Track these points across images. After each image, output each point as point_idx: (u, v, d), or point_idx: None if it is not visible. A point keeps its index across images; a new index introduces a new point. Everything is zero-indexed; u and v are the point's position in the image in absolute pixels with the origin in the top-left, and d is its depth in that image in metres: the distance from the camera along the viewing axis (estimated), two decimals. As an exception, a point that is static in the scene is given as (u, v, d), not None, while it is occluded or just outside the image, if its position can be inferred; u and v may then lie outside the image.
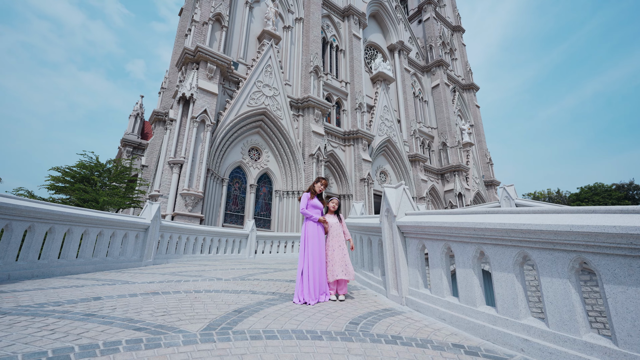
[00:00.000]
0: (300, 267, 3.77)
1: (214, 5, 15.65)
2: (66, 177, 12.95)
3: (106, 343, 2.02)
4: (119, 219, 6.39)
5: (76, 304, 2.98)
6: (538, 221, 2.44)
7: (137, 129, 24.03)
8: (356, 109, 22.09)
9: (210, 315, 2.82)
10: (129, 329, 2.32)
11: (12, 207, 4.21)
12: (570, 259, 2.28)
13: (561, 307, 2.28)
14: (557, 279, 2.32)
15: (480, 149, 33.57)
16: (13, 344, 1.92)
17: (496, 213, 2.88)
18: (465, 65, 37.09)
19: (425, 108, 31.18)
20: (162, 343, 2.07)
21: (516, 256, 2.62)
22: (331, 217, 4.23)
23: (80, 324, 2.38)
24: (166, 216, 12.17)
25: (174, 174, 12.80)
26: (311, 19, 20.70)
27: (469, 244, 3.03)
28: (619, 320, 1.95)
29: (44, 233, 4.85)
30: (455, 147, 28.65)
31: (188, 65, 14.79)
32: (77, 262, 5.41)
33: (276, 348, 2.12)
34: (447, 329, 2.86)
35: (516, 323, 2.52)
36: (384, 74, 25.07)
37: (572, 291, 2.25)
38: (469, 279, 2.98)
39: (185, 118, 13.69)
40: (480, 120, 35.05)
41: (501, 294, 2.68)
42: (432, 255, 3.46)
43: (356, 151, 21.17)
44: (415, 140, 26.22)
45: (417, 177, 24.73)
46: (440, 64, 31.71)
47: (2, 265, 4.19)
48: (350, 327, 2.71)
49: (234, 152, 15.79)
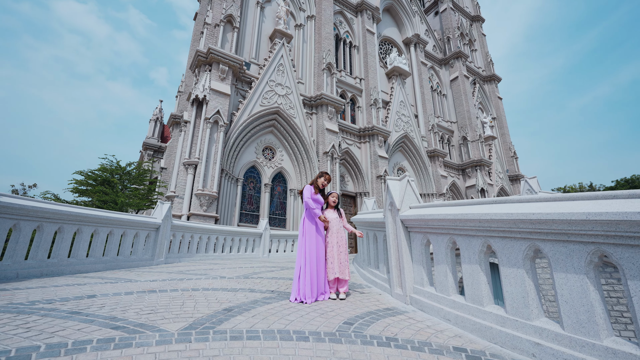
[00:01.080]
0: (298, 265, 3.61)
1: (225, 7, 15.77)
2: (89, 180, 13.44)
3: (76, 342, 1.93)
4: (129, 218, 6.47)
5: (67, 302, 2.96)
6: (549, 209, 2.15)
7: (157, 132, 24.72)
8: (371, 105, 21.69)
9: (197, 314, 2.71)
10: (107, 327, 2.24)
11: (18, 207, 4.31)
12: (588, 252, 1.99)
13: (578, 307, 2.00)
14: (572, 274, 2.04)
15: (503, 143, 32.19)
16: (-17, 342, 1.87)
17: (503, 202, 2.60)
18: (486, 56, 35.67)
19: (444, 102, 30.23)
20: (134, 343, 1.96)
21: (526, 250, 2.34)
22: (331, 213, 4.04)
23: (61, 322, 2.33)
24: (182, 216, 12.36)
25: (189, 175, 12.98)
26: (323, 15, 20.50)
27: (474, 237, 2.76)
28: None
29: (52, 233, 4.95)
30: (476, 141, 27.58)
31: (201, 67, 14.98)
32: (87, 261, 5.51)
33: (253, 350, 1.97)
34: (450, 331, 2.61)
35: (527, 325, 2.25)
36: (400, 68, 24.49)
37: (591, 289, 1.96)
38: (475, 276, 2.71)
39: (198, 119, 13.87)
40: (502, 113, 33.61)
41: (510, 292, 2.41)
42: (437, 250, 3.20)
43: (372, 148, 20.78)
44: (433, 135, 25.46)
45: (436, 173, 24.00)
46: (459, 55, 30.65)
47: (10, 264, 4.29)
48: (343, 328, 2.52)
49: (248, 152, 15.86)
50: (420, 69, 27.55)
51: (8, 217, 4.27)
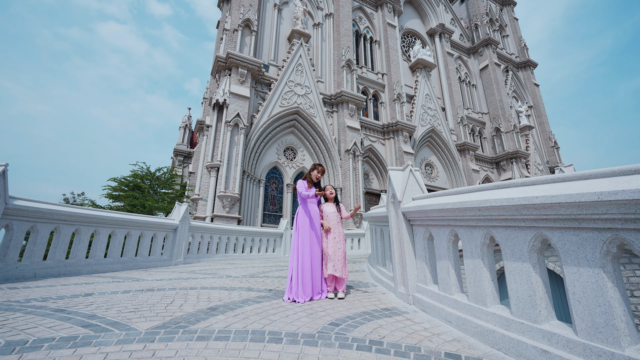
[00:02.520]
0: (291, 263, 3.43)
1: (242, 12, 16.03)
2: (121, 186, 14.20)
3: (37, 340, 1.90)
4: (146, 220, 6.66)
5: (60, 300, 3.00)
6: (555, 191, 1.81)
7: (186, 139, 25.73)
8: (394, 100, 21.07)
9: (179, 312, 2.62)
10: (79, 325, 2.20)
11: (34, 210, 4.53)
12: (603, 240, 1.63)
13: (593, 307, 1.64)
14: (586, 268, 1.69)
15: (542, 132, 30.01)
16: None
17: (506, 187, 2.26)
18: (519, 41, 33.49)
19: (474, 92, 28.74)
20: (94, 342, 1.89)
21: (532, 240, 2.00)
22: (329, 206, 3.83)
23: (39, 319, 2.33)
24: (206, 218, 12.67)
25: (212, 178, 13.28)
26: (341, 12, 20.24)
27: (475, 228, 2.43)
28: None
29: (69, 234, 5.17)
30: (510, 132, 25.91)
31: (221, 72, 15.32)
32: (104, 261, 5.71)
33: (214, 351, 1.82)
34: (449, 334, 2.31)
35: (534, 328, 1.91)
36: (424, 60, 23.62)
37: (608, 285, 1.60)
38: (477, 272, 2.39)
39: (220, 123, 14.17)
40: (540, 100, 31.36)
41: (515, 290, 2.07)
42: (438, 244, 2.88)
43: (396, 144, 20.17)
44: (463, 128, 24.26)
45: (467, 167, 22.83)
46: (488, 42, 29.00)
47: (28, 264, 4.52)
48: (327, 329, 2.30)
49: (270, 153, 15.97)
50: (447, 60, 26.39)
51: (25, 219, 4.51)
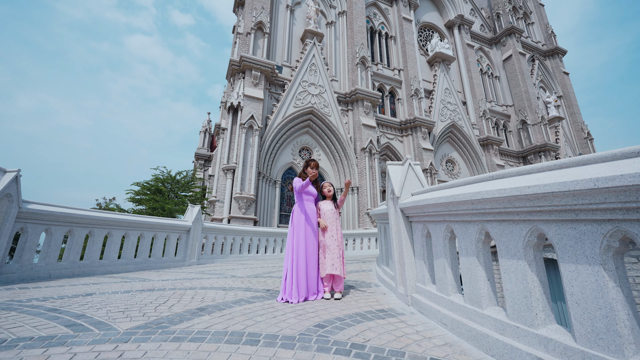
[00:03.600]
0: (285, 262, 3.34)
1: (255, 15, 16.20)
2: (144, 190, 14.72)
3: (16, 339, 1.92)
4: (158, 222, 6.81)
5: (58, 300, 3.08)
6: (548, 180, 1.61)
7: (206, 143, 26.39)
8: (412, 96, 20.58)
9: (165, 312, 2.60)
10: (63, 325, 2.22)
11: (47, 213, 4.73)
12: (603, 234, 1.43)
13: (593, 310, 1.44)
14: (584, 266, 1.49)
15: (573, 123, 28.30)
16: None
17: (500, 177, 2.06)
18: (546, 28, 31.80)
19: (497, 84, 27.56)
20: (68, 342, 1.89)
21: (527, 235, 1.80)
22: (326, 204, 3.71)
23: (29, 318, 2.38)
24: (223, 219, 12.87)
25: (228, 180, 13.48)
26: (354, 9, 20.01)
27: (470, 223, 2.25)
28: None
29: (83, 236, 5.36)
30: (538, 124, 24.62)
31: (235, 75, 15.54)
32: (118, 262, 5.88)
33: (183, 352, 1.76)
34: (442, 338, 2.14)
35: (529, 333, 1.71)
36: (442, 53, 22.91)
37: (610, 285, 1.40)
38: (472, 271, 2.20)
39: (235, 126, 14.37)
40: (571, 90, 29.59)
41: (510, 290, 1.88)
42: (435, 241, 2.70)
43: (415, 141, 19.68)
44: (486, 122, 23.30)
45: (491, 163, 21.91)
46: (512, 31, 27.72)
47: (43, 265, 4.72)
48: (310, 331, 2.20)
49: (285, 154, 16.01)
50: (467, 52, 25.48)
51: (39, 222, 4.71)
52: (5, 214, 4.17)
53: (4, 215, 4.15)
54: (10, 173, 4.28)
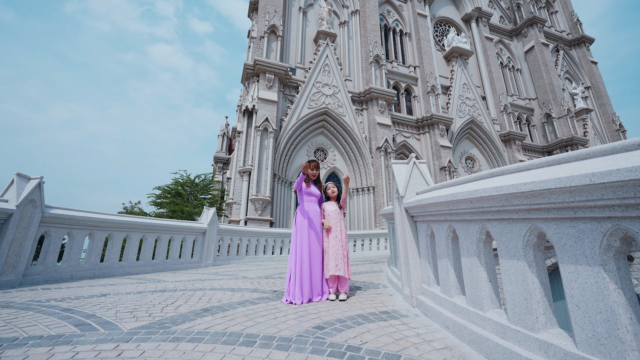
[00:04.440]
0: (290, 263, 3.35)
1: (268, 19, 16.38)
2: (165, 193, 15.21)
3: (27, 337, 2.03)
4: (175, 224, 7.01)
5: (74, 301, 3.22)
6: (545, 176, 1.54)
7: (224, 146, 26.93)
8: (428, 93, 20.18)
9: (170, 313, 2.67)
10: (73, 324, 2.33)
11: (69, 217, 4.98)
12: (603, 233, 1.35)
13: (593, 314, 1.36)
14: (584, 266, 1.41)
15: (603, 115, 26.83)
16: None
17: (499, 175, 1.98)
18: (571, 16, 30.35)
19: (519, 77, 26.55)
20: (73, 340, 1.98)
21: (527, 234, 1.72)
22: (330, 205, 3.70)
23: (43, 318, 2.51)
24: (240, 221, 13.08)
25: (244, 182, 13.69)
26: (367, 8, 19.85)
27: (470, 222, 2.17)
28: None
29: (103, 239, 5.60)
30: (564, 117, 23.50)
31: (250, 79, 15.78)
32: (137, 264, 6.10)
33: (178, 353, 1.80)
34: (442, 341, 2.08)
35: (529, 337, 1.64)
36: (459, 48, 22.33)
37: (610, 287, 1.31)
38: (474, 272, 2.12)
39: (250, 129, 14.59)
40: (599, 80, 28.07)
41: (511, 292, 1.80)
42: (438, 241, 2.63)
43: (432, 138, 19.28)
44: (507, 117, 22.49)
45: (513, 159, 21.13)
46: (533, 22, 26.63)
47: (66, 267, 4.97)
48: (308, 333, 2.19)
49: (300, 155, 16.09)
50: (485, 45, 24.70)
51: (61, 226, 4.97)
52: (30, 219, 4.42)
53: (29, 220, 4.40)
54: (34, 180, 4.54)
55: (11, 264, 4.23)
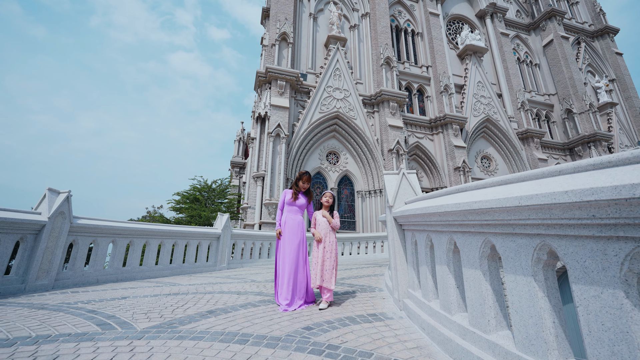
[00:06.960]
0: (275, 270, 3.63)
1: (279, 27, 16.81)
2: (184, 199, 15.88)
3: (58, 334, 2.39)
4: (190, 230, 7.45)
5: (98, 303, 3.62)
6: (491, 195, 1.74)
7: (240, 151, 27.64)
8: (442, 93, 20.03)
9: (179, 315, 3.00)
10: (96, 324, 2.69)
11: (93, 226, 5.47)
12: (534, 247, 1.54)
13: (527, 318, 1.56)
14: (520, 276, 1.62)
15: (630, 108, 25.68)
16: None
17: (464, 191, 2.18)
18: (593, 7, 29.23)
19: (537, 73, 25.83)
20: (95, 337, 2.33)
21: (482, 246, 1.93)
22: (321, 214, 3.90)
23: (71, 318, 2.90)
24: (254, 225, 13.53)
25: (258, 187, 14.14)
26: (377, 10, 19.95)
27: (442, 233, 2.38)
28: None
29: (125, 246, 6.08)
30: (586, 112, 22.69)
31: (262, 86, 16.24)
32: (156, 268, 6.56)
33: (180, 349, 2.11)
34: (416, 342, 2.30)
35: (482, 338, 1.84)
36: (473, 46, 22.02)
37: (539, 295, 1.52)
38: (444, 278, 2.33)
39: (263, 135, 15.03)
40: (625, 72, 26.89)
41: (470, 297, 2.00)
42: (420, 249, 2.84)
43: (446, 138, 19.13)
44: (525, 114, 21.96)
45: (532, 157, 20.61)
46: (552, 14, 25.85)
47: (92, 272, 5.46)
48: (297, 333, 2.46)
49: (312, 159, 16.39)
50: (501, 41, 24.21)
51: (87, 235, 5.47)
52: (60, 229, 4.93)
53: (59, 230, 4.91)
54: (63, 194, 5.05)
55: (45, 270, 4.73)
